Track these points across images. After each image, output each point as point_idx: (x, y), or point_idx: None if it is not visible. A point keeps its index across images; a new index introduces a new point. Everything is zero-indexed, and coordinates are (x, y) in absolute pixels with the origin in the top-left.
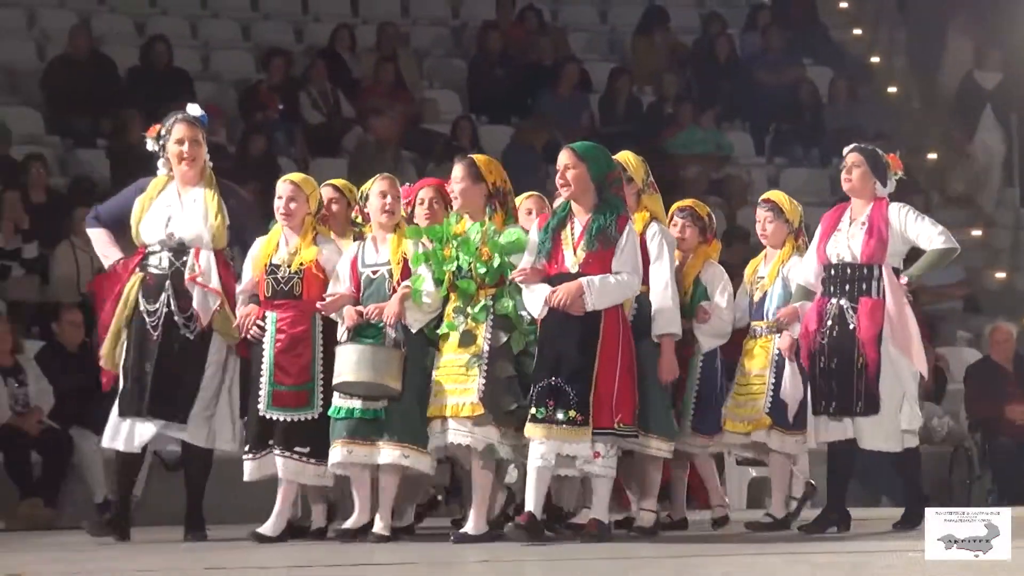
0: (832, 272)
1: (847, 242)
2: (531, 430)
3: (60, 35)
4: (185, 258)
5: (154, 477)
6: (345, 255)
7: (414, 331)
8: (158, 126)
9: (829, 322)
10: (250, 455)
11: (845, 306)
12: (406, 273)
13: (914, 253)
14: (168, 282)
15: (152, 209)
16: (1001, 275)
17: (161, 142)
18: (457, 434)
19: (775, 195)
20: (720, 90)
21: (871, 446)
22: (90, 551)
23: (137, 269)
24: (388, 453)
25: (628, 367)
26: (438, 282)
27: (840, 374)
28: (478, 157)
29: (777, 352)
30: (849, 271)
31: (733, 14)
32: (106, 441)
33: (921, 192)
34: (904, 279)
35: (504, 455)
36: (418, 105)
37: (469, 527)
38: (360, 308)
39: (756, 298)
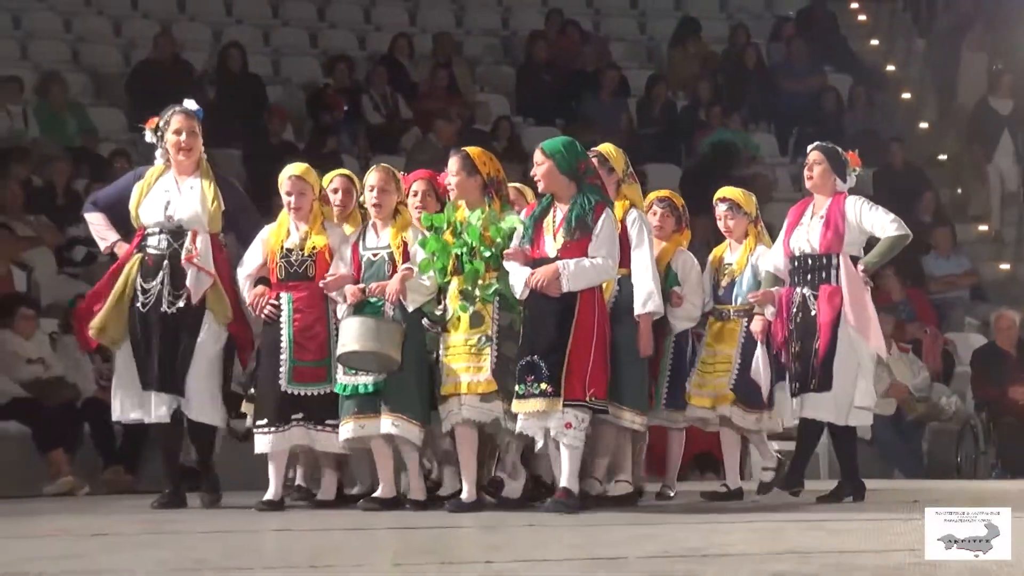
0: (796, 263)
1: (807, 235)
2: (516, 406)
3: (144, 42)
4: (182, 240)
5: (223, 446)
6: (348, 239)
7: (411, 310)
8: (156, 119)
9: (795, 310)
10: (270, 429)
11: (807, 294)
12: (405, 257)
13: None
14: (166, 262)
15: (151, 194)
16: (1006, 267)
17: (159, 133)
18: (473, 410)
19: (730, 192)
20: (747, 95)
21: (812, 415)
22: (167, 512)
23: (136, 250)
24: (383, 423)
25: (602, 345)
26: (441, 267)
27: (803, 357)
28: (472, 150)
29: (744, 334)
30: (810, 261)
31: (759, 26)
32: (121, 415)
33: (931, 190)
34: (861, 266)
35: (510, 428)
36: (470, 108)
37: (464, 495)
38: (363, 286)
39: (724, 283)
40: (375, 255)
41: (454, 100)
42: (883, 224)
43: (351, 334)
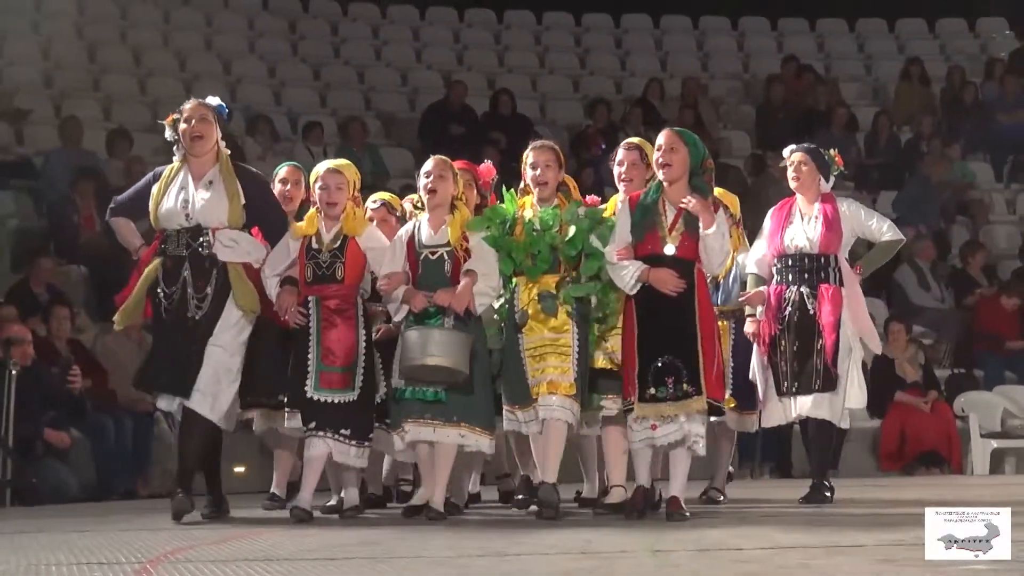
0: (789, 262)
1: (804, 234)
2: (648, 409)
3: (427, 89)
4: (202, 239)
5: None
6: (399, 234)
7: (478, 313)
8: (175, 114)
9: (789, 309)
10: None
11: (805, 293)
12: (467, 255)
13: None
14: (187, 263)
15: (168, 194)
16: None
17: (176, 127)
18: (557, 410)
19: (716, 191)
20: (965, 128)
21: (816, 415)
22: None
23: (156, 254)
24: (447, 433)
25: (718, 342)
26: (513, 264)
27: (801, 356)
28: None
29: (733, 336)
30: (806, 261)
31: (974, 66)
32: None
33: None
34: (858, 268)
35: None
36: (715, 144)
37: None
38: (429, 295)
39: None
40: (433, 253)
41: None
42: (881, 228)
43: (419, 347)
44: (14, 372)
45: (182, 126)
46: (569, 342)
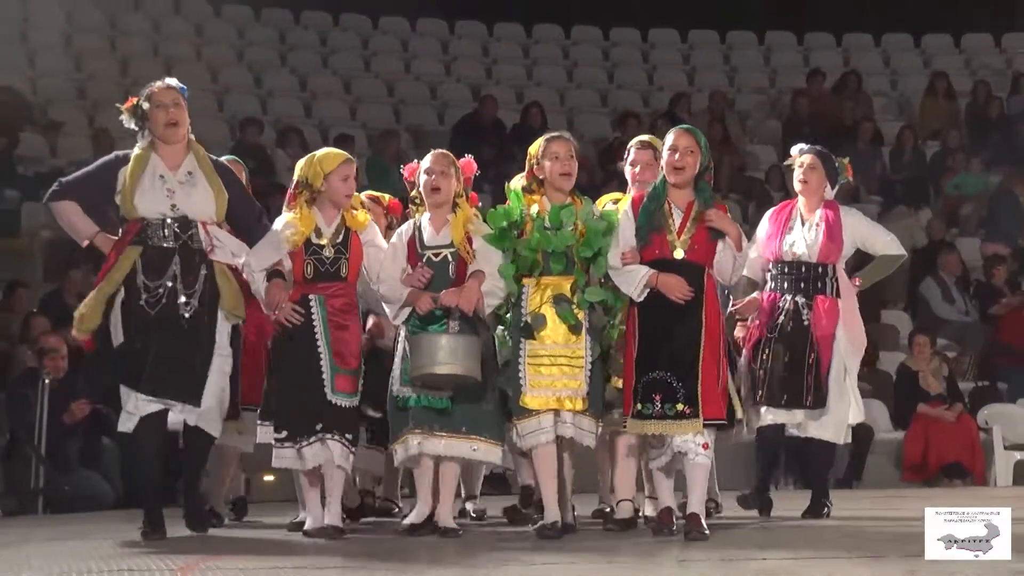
0: (785, 269)
1: (803, 241)
2: (636, 426)
3: (456, 103)
4: (191, 231)
5: None
6: (398, 234)
7: (487, 313)
8: (135, 99)
9: (782, 318)
10: (309, 441)
11: (800, 302)
12: (472, 256)
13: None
14: (176, 256)
15: (146, 182)
16: None
17: (140, 113)
18: (570, 428)
19: None
20: (989, 142)
21: (817, 435)
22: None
23: (132, 243)
24: (457, 446)
25: (724, 355)
26: (526, 265)
27: (792, 368)
28: None
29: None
30: (804, 269)
31: (1000, 81)
32: (124, 425)
33: None
34: (856, 279)
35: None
36: (741, 157)
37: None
38: (434, 295)
39: None
40: (437, 255)
41: (727, 150)
42: (884, 241)
43: (427, 356)
44: (47, 382)
45: (156, 111)
46: (583, 353)
